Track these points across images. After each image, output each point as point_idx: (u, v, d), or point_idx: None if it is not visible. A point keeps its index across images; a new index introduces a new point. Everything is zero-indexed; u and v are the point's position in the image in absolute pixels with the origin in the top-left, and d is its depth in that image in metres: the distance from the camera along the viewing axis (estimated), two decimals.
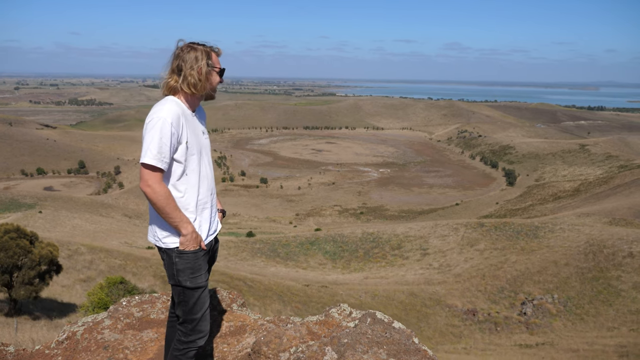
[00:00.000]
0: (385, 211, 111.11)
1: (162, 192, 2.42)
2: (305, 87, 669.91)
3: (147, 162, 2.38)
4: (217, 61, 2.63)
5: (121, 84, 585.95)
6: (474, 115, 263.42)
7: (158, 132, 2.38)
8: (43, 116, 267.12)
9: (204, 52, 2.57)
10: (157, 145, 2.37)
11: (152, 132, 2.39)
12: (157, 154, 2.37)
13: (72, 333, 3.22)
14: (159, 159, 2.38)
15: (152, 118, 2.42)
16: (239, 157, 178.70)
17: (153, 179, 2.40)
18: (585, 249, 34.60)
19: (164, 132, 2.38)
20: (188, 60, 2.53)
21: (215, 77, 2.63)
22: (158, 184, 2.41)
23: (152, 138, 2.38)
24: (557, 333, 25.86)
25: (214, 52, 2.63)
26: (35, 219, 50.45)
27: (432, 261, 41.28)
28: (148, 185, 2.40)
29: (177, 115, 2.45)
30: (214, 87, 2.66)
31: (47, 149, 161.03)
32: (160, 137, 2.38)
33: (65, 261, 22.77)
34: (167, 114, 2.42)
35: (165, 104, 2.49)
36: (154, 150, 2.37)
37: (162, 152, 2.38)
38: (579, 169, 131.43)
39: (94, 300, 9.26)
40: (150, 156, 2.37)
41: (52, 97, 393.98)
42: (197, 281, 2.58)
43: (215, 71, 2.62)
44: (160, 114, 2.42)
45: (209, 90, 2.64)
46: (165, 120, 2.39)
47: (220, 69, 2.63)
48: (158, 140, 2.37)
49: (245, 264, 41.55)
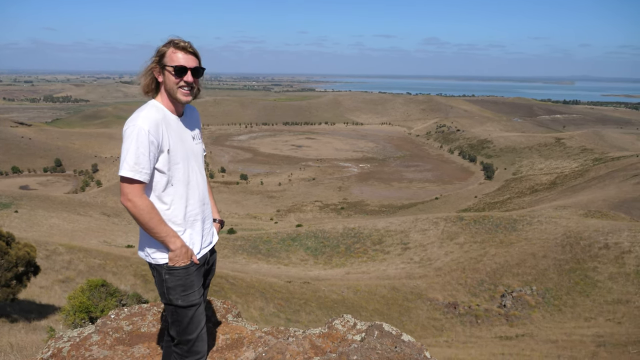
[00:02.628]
0: (365, 206, 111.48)
1: (144, 206, 2.26)
2: (284, 82, 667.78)
3: (123, 175, 2.22)
4: (177, 59, 2.34)
5: (97, 81, 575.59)
6: (452, 110, 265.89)
7: (134, 142, 2.22)
8: (17, 113, 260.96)
9: (157, 51, 2.38)
10: (134, 155, 2.22)
11: (127, 143, 2.23)
12: (134, 165, 2.22)
13: (57, 350, 3.04)
14: (136, 171, 2.22)
15: (128, 127, 2.26)
16: (219, 153, 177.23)
17: (133, 192, 2.24)
18: (562, 241, 35.19)
19: (140, 142, 2.22)
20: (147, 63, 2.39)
21: (169, 76, 2.36)
22: (139, 197, 2.25)
23: (128, 149, 2.22)
24: (536, 324, 26.24)
25: (176, 49, 2.36)
26: (11, 219, 49.36)
27: (413, 255, 41.54)
28: (128, 199, 2.24)
29: (155, 121, 2.29)
30: (171, 88, 2.37)
31: (22, 147, 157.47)
32: (137, 147, 2.22)
33: (43, 262, 22.26)
34: (144, 122, 2.25)
35: (143, 110, 2.34)
36: (130, 162, 2.21)
37: (140, 162, 2.23)
38: (555, 162, 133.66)
39: (75, 304, 9.00)
40: (127, 168, 2.22)
41: (26, 94, 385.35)
42: (190, 299, 2.40)
43: (168, 71, 2.35)
44: (136, 121, 2.26)
45: (169, 92, 2.39)
46: (141, 129, 2.23)
47: (175, 67, 2.33)
48: (134, 150, 2.22)
49: (227, 261, 41.23)
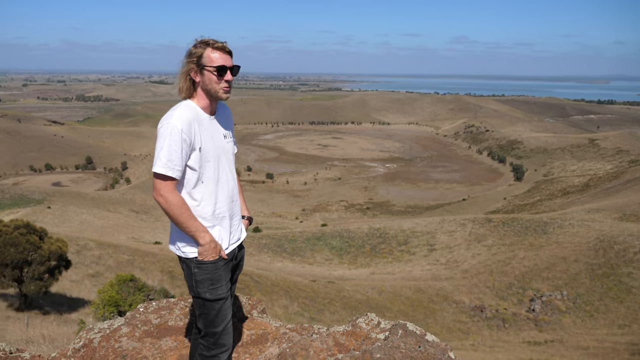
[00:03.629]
0: (391, 206, 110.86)
1: (175, 201, 2.35)
2: (310, 82, 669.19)
3: (156, 171, 2.32)
4: (214, 59, 2.41)
5: (127, 80, 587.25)
6: (481, 110, 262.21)
7: (168, 139, 2.31)
8: (51, 112, 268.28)
9: (192, 53, 2.43)
10: (167, 153, 2.31)
11: (161, 140, 2.33)
12: (166, 162, 2.31)
13: (88, 340, 3.14)
14: (168, 167, 2.31)
15: (163, 125, 2.36)
16: (245, 152, 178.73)
17: (165, 188, 2.34)
18: (595, 245, 34.35)
19: (174, 140, 2.31)
20: (181, 65, 2.46)
21: (209, 76, 2.42)
22: (170, 193, 2.34)
23: (162, 146, 2.32)
24: (566, 330, 25.71)
25: (213, 48, 2.42)
26: (44, 215, 50.77)
27: (439, 257, 41.14)
28: (160, 194, 2.34)
29: (188, 120, 2.37)
30: (212, 88, 2.44)
31: (55, 144, 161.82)
32: (170, 144, 2.31)
33: (74, 256, 22.87)
34: (177, 120, 2.34)
35: (176, 109, 2.42)
36: (163, 159, 2.31)
37: (172, 159, 2.31)
38: (589, 164, 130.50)
39: (105, 298, 9.24)
40: (160, 164, 2.31)
41: (59, 93, 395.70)
42: (217, 292, 2.48)
43: (209, 71, 2.41)
44: (170, 120, 2.34)
45: (210, 92, 2.46)
46: (174, 127, 2.32)
47: (217, 67, 2.40)
48: (167, 147, 2.31)
49: (252, 259, 41.58)
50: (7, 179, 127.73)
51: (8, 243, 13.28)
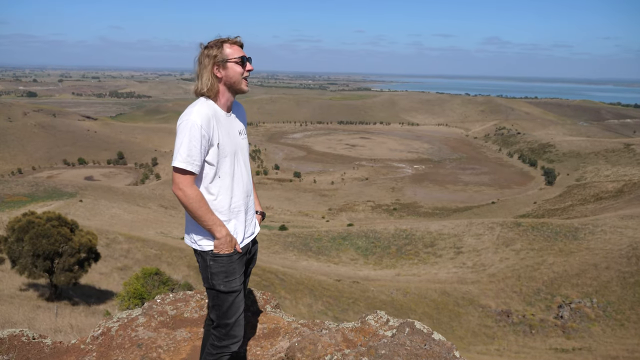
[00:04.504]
0: (418, 208, 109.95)
1: (194, 195, 2.42)
2: (340, 81, 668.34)
3: (176, 166, 2.39)
4: (233, 52, 2.50)
5: (159, 77, 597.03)
6: (512, 112, 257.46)
7: (187, 135, 2.38)
8: (85, 108, 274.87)
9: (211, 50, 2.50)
10: (187, 148, 2.38)
11: (181, 136, 2.40)
12: (186, 157, 2.38)
13: (107, 329, 3.24)
14: (188, 162, 2.38)
15: (182, 121, 2.43)
16: (273, 150, 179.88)
17: (184, 182, 2.41)
18: (628, 253, 33.40)
19: (193, 135, 2.38)
20: (199, 65, 2.52)
21: (233, 69, 2.51)
22: (189, 187, 2.41)
23: (182, 141, 2.39)
24: (595, 338, 25.09)
25: (230, 44, 2.51)
26: (76, 208, 52.08)
27: (465, 260, 40.64)
28: (179, 188, 2.41)
29: (207, 117, 2.44)
30: (237, 80, 2.53)
31: (88, 139, 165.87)
32: (190, 140, 2.38)
33: (103, 249, 23.41)
34: (197, 117, 2.41)
35: (195, 105, 2.49)
36: (183, 154, 2.38)
37: (192, 155, 2.39)
38: (623, 169, 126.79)
39: (130, 291, 9.44)
40: (180, 159, 2.38)
41: (93, 89, 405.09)
42: (231, 285, 2.54)
43: (234, 62, 2.50)
44: (189, 116, 2.41)
45: (234, 85, 2.54)
46: (194, 123, 2.39)
47: (240, 57, 2.50)
48: (187, 143, 2.38)
49: (277, 257, 41.83)
50: (42, 172, 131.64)
51: (40, 234, 13.69)
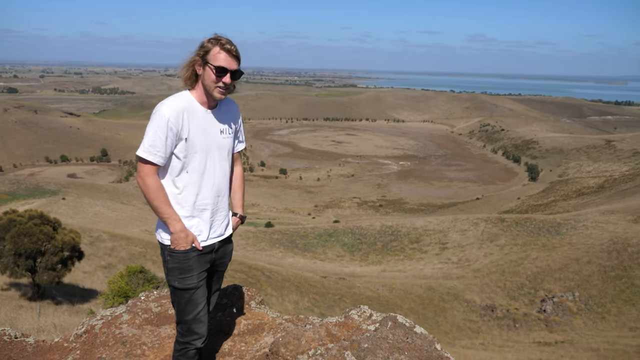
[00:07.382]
0: (404, 204, 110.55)
1: (152, 185, 2.43)
2: (326, 78, 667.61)
3: (139, 155, 2.41)
4: (218, 58, 2.42)
5: (143, 74, 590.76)
6: (497, 109, 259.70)
7: (154, 125, 2.39)
8: (67, 104, 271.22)
9: (202, 46, 2.48)
10: (151, 138, 2.39)
11: (149, 126, 2.42)
12: (149, 147, 2.39)
13: (90, 327, 3.23)
14: (149, 152, 2.39)
15: (155, 111, 2.44)
16: (259, 147, 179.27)
17: (144, 171, 2.42)
18: (608, 247, 33.97)
19: (159, 127, 2.39)
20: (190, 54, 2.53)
21: (209, 73, 2.44)
22: (149, 177, 2.43)
23: (148, 131, 2.41)
24: (577, 331, 25.50)
25: (224, 49, 2.43)
26: (59, 206, 51.39)
27: (450, 255, 40.99)
28: (140, 177, 2.44)
29: (177, 110, 2.43)
30: (208, 85, 2.46)
31: (70, 136, 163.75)
32: (155, 131, 2.39)
33: (87, 248, 23.17)
34: (166, 109, 2.41)
35: (170, 98, 2.50)
36: (146, 144, 2.40)
37: (155, 145, 2.39)
38: (604, 165, 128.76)
39: (114, 289, 9.38)
40: (143, 149, 2.40)
41: (76, 85, 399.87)
42: (186, 282, 2.52)
43: (210, 68, 2.42)
44: (160, 108, 2.42)
45: (207, 88, 2.49)
46: (162, 115, 2.39)
47: (217, 67, 2.41)
48: (152, 134, 2.39)
49: (264, 254, 41.78)
50: (23, 170, 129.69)
51: (22, 233, 13.51)
